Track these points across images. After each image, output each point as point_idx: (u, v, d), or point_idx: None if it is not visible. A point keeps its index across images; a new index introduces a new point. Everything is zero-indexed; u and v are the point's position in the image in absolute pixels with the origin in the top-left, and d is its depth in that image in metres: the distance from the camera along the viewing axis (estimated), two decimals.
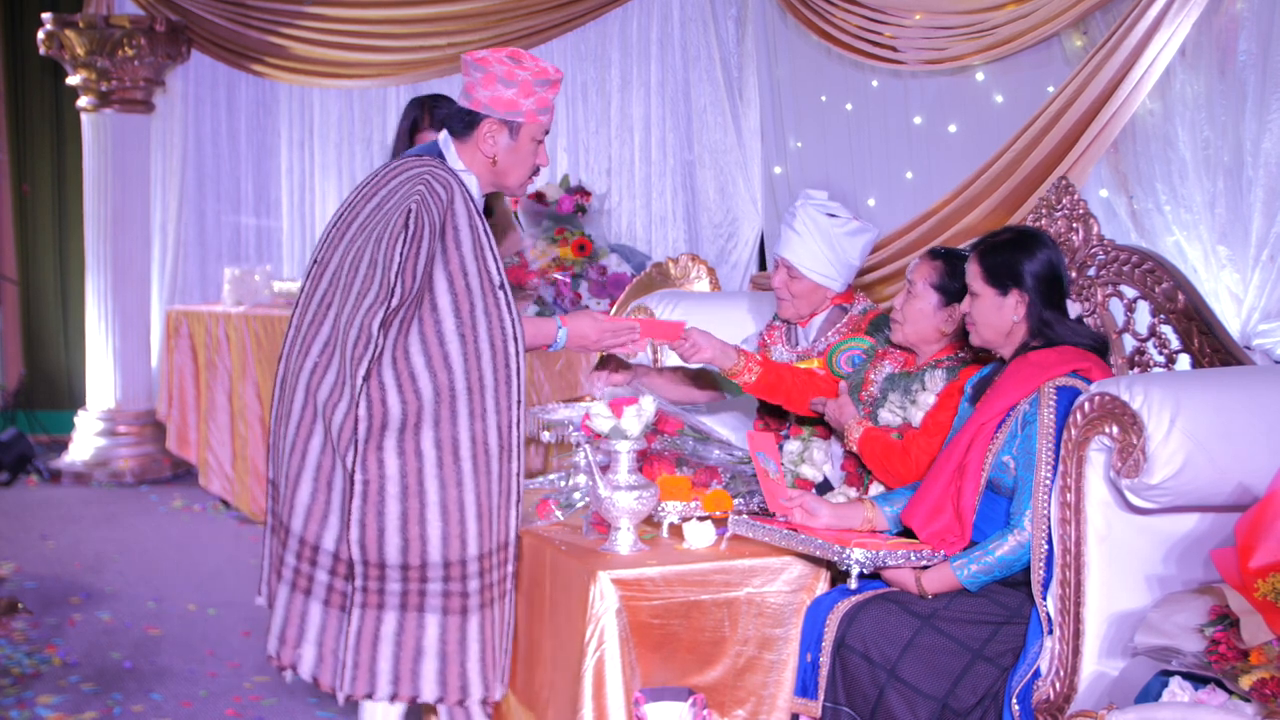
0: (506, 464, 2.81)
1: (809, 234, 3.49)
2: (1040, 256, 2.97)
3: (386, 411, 2.71)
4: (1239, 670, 2.33)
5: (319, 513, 2.78)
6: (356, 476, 2.71)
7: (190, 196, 7.84)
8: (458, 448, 2.75)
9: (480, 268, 2.81)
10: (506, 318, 2.82)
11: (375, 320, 2.71)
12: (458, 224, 2.82)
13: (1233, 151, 4.07)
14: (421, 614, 2.76)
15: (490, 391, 2.78)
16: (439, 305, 2.76)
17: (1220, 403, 2.68)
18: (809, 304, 3.58)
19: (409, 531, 2.73)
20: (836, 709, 2.90)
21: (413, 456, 2.73)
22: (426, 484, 2.74)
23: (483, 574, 2.79)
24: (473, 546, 2.78)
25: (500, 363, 2.79)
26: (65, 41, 7.29)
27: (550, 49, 7.16)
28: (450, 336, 2.75)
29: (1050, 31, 4.58)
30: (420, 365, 2.72)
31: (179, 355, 7.04)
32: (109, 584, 5.47)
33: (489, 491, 2.79)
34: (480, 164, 2.97)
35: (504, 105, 2.93)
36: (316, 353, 2.82)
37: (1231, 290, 4.09)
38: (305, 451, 2.80)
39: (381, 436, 2.71)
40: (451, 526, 2.75)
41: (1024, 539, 2.82)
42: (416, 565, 2.74)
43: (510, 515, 2.84)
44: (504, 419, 2.80)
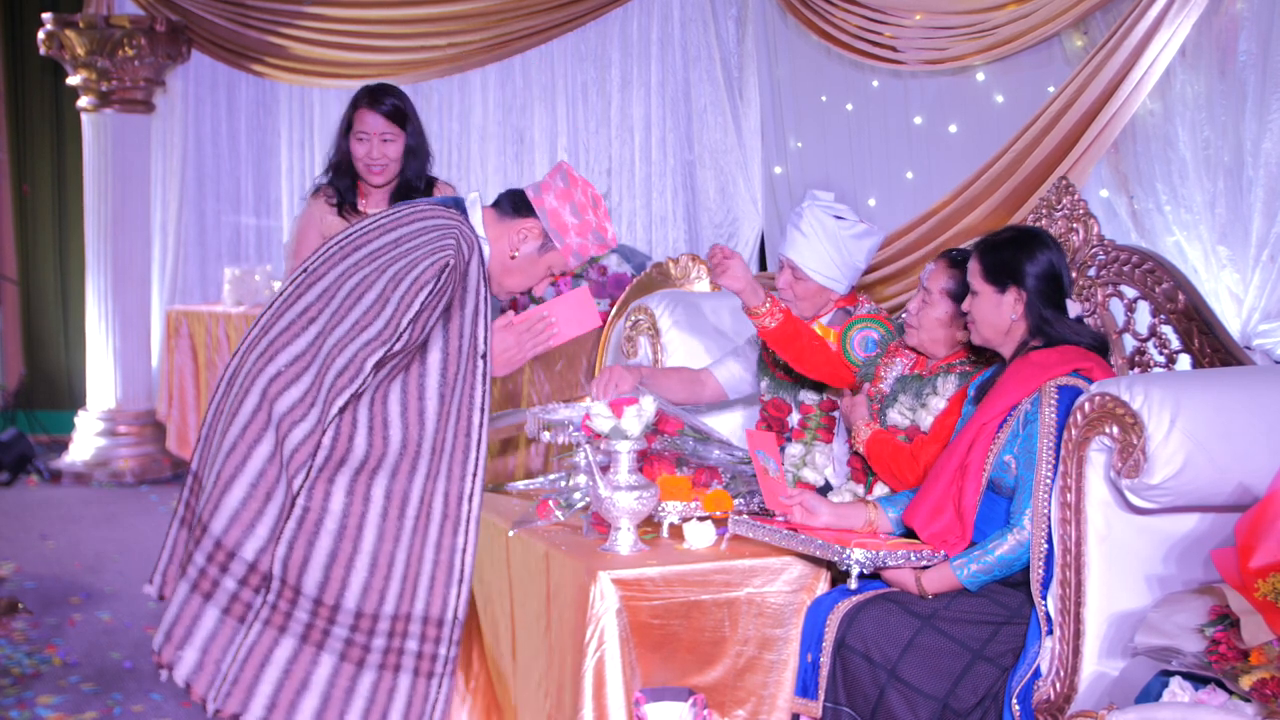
0: (450, 535, 2.72)
1: (815, 235, 3.49)
2: (1041, 256, 2.96)
3: (350, 449, 2.65)
4: (1239, 670, 2.33)
5: (246, 520, 2.68)
6: (299, 501, 2.64)
7: (190, 196, 7.84)
8: (406, 503, 2.68)
9: (473, 332, 2.79)
10: (479, 388, 2.78)
11: (372, 358, 2.65)
12: (467, 286, 2.81)
13: (1233, 151, 4.07)
14: (319, 651, 2.67)
15: (447, 457, 2.73)
16: (428, 361, 2.73)
17: (1220, 403, 2.68)
18: (813, 305, 3.58)
19: (333, 571, 2.65)
20: (837, 709, 2.90)
21: (360, 500, 2.66)
22: (365, 530, 2.67)
23: (392, 635, 2.68)
24: (389, 605, 2.67)
25: (462, 430, 2.75)
26: (65, 41, 7.29)
27: (550, 49, 7.16)
28: (431, 394, 2.72)
29: (1051, 31, 4.58)
30: (395, 414, 2.69)
31: (179, 355, 7.04)
32: (109, 584, 5.47)
33: (420, 557, 2.70)
34: (500, 248, 2.95)
35: (558, 223, 2.95)
36: (284, 362, 2.72)
37: (1232, 290, 4.09)
38: (248, 457, 2.69)
39: (336, 471, 2.65)
40: (375, 579, 2.67)
41: (1023, 538, 2.82)
42: (329, 605, 2.66)
43: (449, 593, 2.72)
44: (454, 488, 2.73)
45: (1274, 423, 2.66)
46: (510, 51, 7.16)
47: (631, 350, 4.17)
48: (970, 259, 3.04)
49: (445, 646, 2.73)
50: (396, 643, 2.68)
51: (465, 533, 2.73)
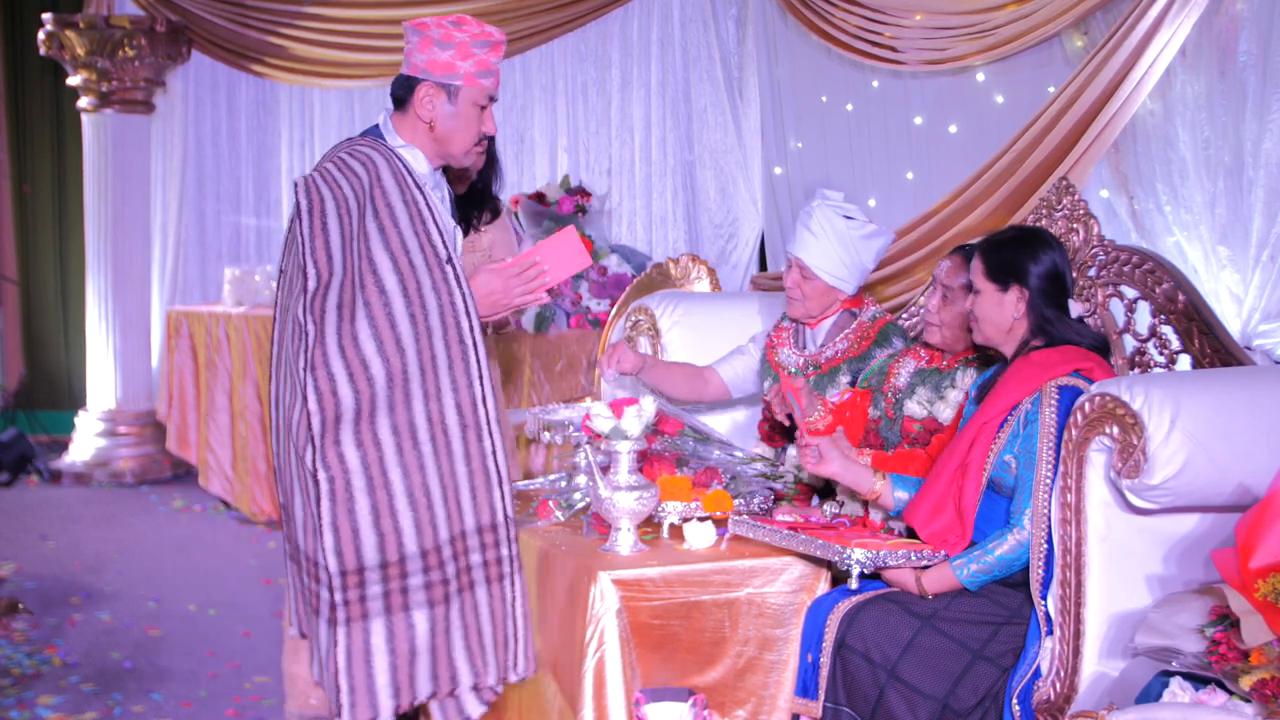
0: (476, 442, 2.69)
1: (825, 235, 3.49)
2: (1044, 256, 2.97)
3: (339, 402, 2.58)
4: (1239, 671, 2.33)
5: (311, 527, 2.65)
6: (320, 476, 2.58)
7: (190, 196, 7.85)
8: (415, 431, 2.64)
9: (423, 243, 2.70)
10: (457, 292, 2.70)
11: (299, 307, 2.61)
12: (390, 200, 2.71)
13: (1233, 152, 4.07)
14: (408, 613, 2.64)
15: (445, 370, 2.67)
16: (386, 287, 2.64)
17: (1220, 403, 2.68)
18: (820, 304, 3.58)
19: (382, 525, 2.61)
20: (837, 709, 2.90)
21: (371, 446, 2.61)
22: (390, 473, 2.62)
23: (456, 558, 2.68)
24: (443, 531, 2.66)
25: (454, 338, 2.68)
26: (65, 42, 7.29)
27: (550, 49, 7.17)
28: (400, 318, 2.64)
29: (1051, 32, 4.58)
30: (372, 351, 2.61)
31: (179, 355, 7.04)
32: (109, 584, 5.47)
33: (453, 472, 2.67)
34: (421, 134, 2.85)
35: (440, 68, 2.80)
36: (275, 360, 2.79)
37: (1232, 290, 4.09)
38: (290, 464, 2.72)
39: (337, 430, 2.59)
40: (421, 513, 2.64)
41: (1023, 538, 2.82)
42: (395, 560, 2.62)
43: (493, 495, 2.72)
44: (463, 396, 2.68)
45: (1274, 423, 2.66)
46: (510, 51, 7.14)
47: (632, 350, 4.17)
48: (973, 258, 3.05)
49: (505, 546, 2.73)
50: (462, 562, 2.68)
51: (489, 436, 2.70)
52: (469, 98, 2.84)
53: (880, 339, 3.54)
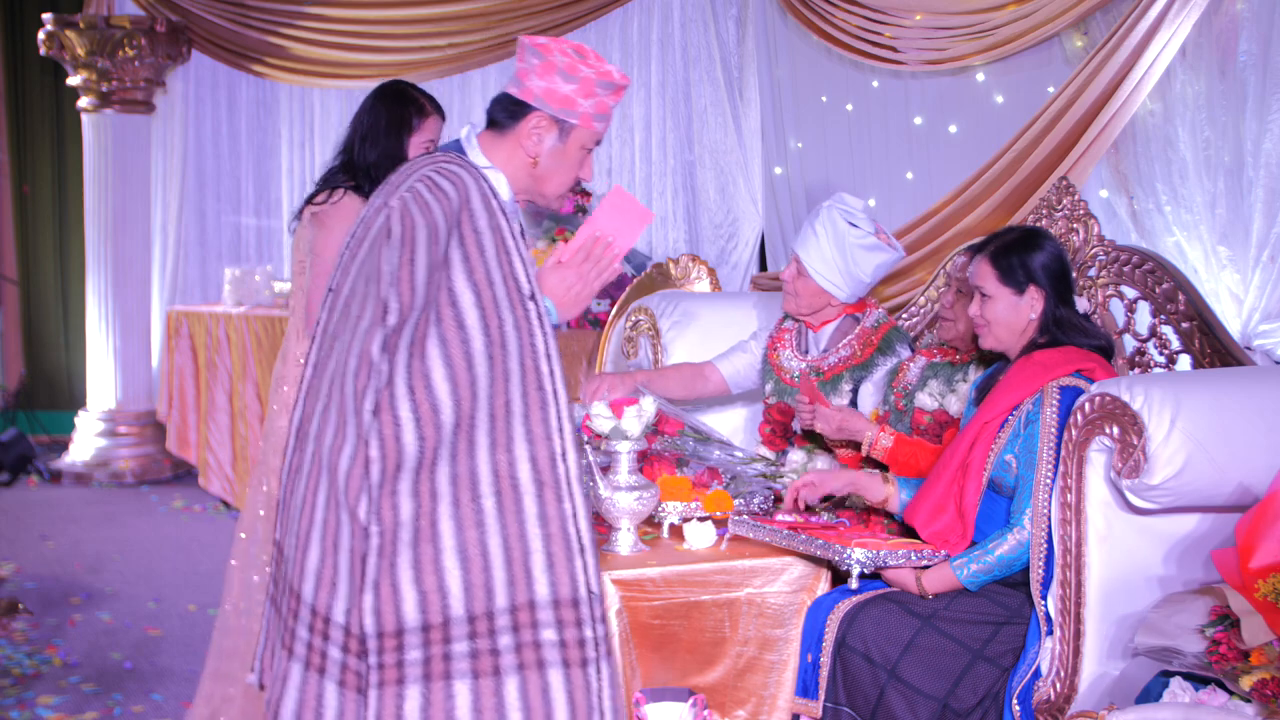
0: (554, 503, 2.38)
1: (824, 236, 3.48)
2: (1049, 250, 2.97)
3: (401, 451, 2.33)
4: (1239, 671, 2.33)
5: (328, 579, 2.40)
6: (371, 530, 2.33)
7: (191, 196, 7.85)
8: (476, 483, 2.36)
9: (506, 275, 2.43)
10: (539, 334, 2.42)
11: (374, 344, 2.35)
12: (477, 225, 2.45)
13: (1233, 152, 4.07)
14: (448, 681, 2.35)
15: (519, 419, 2.38)
16: (466, 322, 2.37)
17: (1220, 403, 2.68)
18: (810, 305, 3.57)
19: (424, 582, 2.34)
20: (837, 709, 2.90)
21: (427, 497, 2.35)
22: (440, 525, 2.35)
23: (517, 629, 2.36)
24: (501, 598, 2.35)
25: (532, 384, 2.40)
26: (66, 42, 7.29)
27: None
28: (479, 358, 2.36)
29: (1051, 32, 4.58)
30: (445, 394, 2.34)
31: (179, 355, 7.04)
32: (109, 584, 5.47)
33: (522, 534, 2.37)
34: (518, 163, 2.59)
35: (559, 101, 2.55)
36: (325, 393, 2.46)
37: (1232, 291, 4.09)
38: (314, 508, 2.44)
39: (396, 480, 2.34)
40: (473, 574, 2.34)
41: (1023, 538, 2.82)
42: (438, 623, 2.34)
43: (573, 566, 2.39)
44: (540, 450, 2.39)
45: (1274, 423, 2.66)
46: (510, 51, 7.15)
47: (632, 350, 4.17)
48: (977, 264, 3.02)
49: (590, 627, 2.40)
50: (528, 636, 2.37)
51: (570, 497, 2.40)
52: (580, 139, 2.60)
53: (884, 346, 3.53)
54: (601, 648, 2.41)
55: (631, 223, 2.63)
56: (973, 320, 3.04)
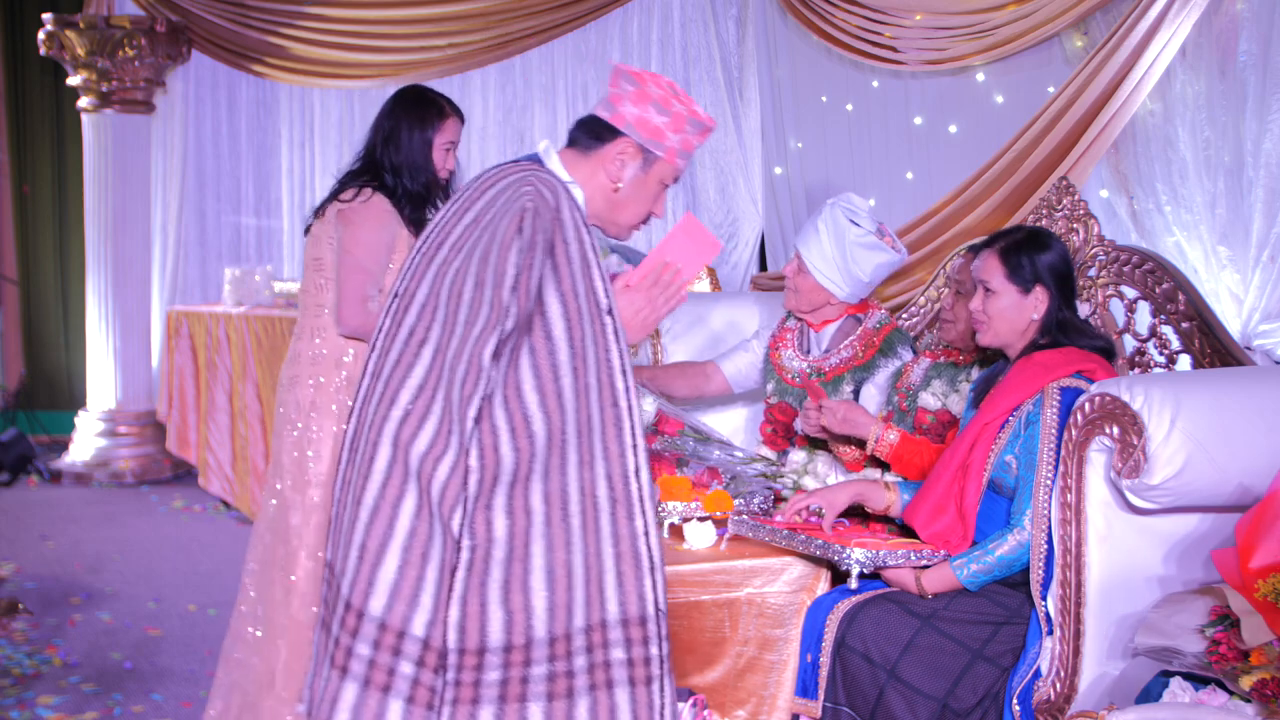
0: (626, 521, 2.36)
1: (825, 232, 3.49)
2: (1056, 250, 2.98)
3: (499, 461, 2.29)
4: (1239, 671, 2.33)
5: (408, 592, 2.30)
6: (464, 543, 2.28)
7: (191, 196, 7.85)
8: (566, 502, 2.33)
9: (588, 288, 2.39)
10: (614, 349, 2.39)
11: (487, 349, 2.29)
12: (566, 236, 2.40)
13: (1233, 152, 4.07)
14: (524, 704, 2.30)
15: (598, 434, 2.36)
16: (553, 333, 2.33)
17: (1220, 403, 2.68)
18: (809, 301, 3.56)
19: (512, 602, 2.29)
20: (837, 709, 2.90)
21: (521, 514, 2.30)
22: (532, 545, 2.30)
23: (590, 649, 2.34)
24: (579, 618, 2.32)
25: (608, 399, 2.37)
26: (66, 42, 7.30)
27: (551, 49, 7.17)
28: (564, 370, 2.33)
29: (1051, 32, 4.58)
30: (534, 405, 2.30)
31: (179, 355, 7.04)
32: (109, 584, 5.47)
33: (598, 553, 2.34)
34: (596, 186, 2.56)
35: (649, 131, 2.53)
36: (408, 399, 2.36)
37: (1232, 291, 4.09)
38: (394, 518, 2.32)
39: (492, 493, 2.29)
40: (558, 595, 2.31)
41: (1024, 538, 2.82)
42: (520, 645, 2.30)
43: (642, 584, 2.37)
44: (615, 467, 2.36)
45: (1274, 423, 2.66)
46: (510, 52, 7.16)
47: (632, 350, 4.17)
48: (985, 258, 3.02)
49: (656, 645, 2.39)
50: (599, 656, 2.35)
51: (642, 514, 2.38)
52: (661, 173, 2.57)
53: (885, 348, 3.53)
54: (666, 665, 2.39)
55: (701, 251, 2.61)
56: (972, 314, 3.03)
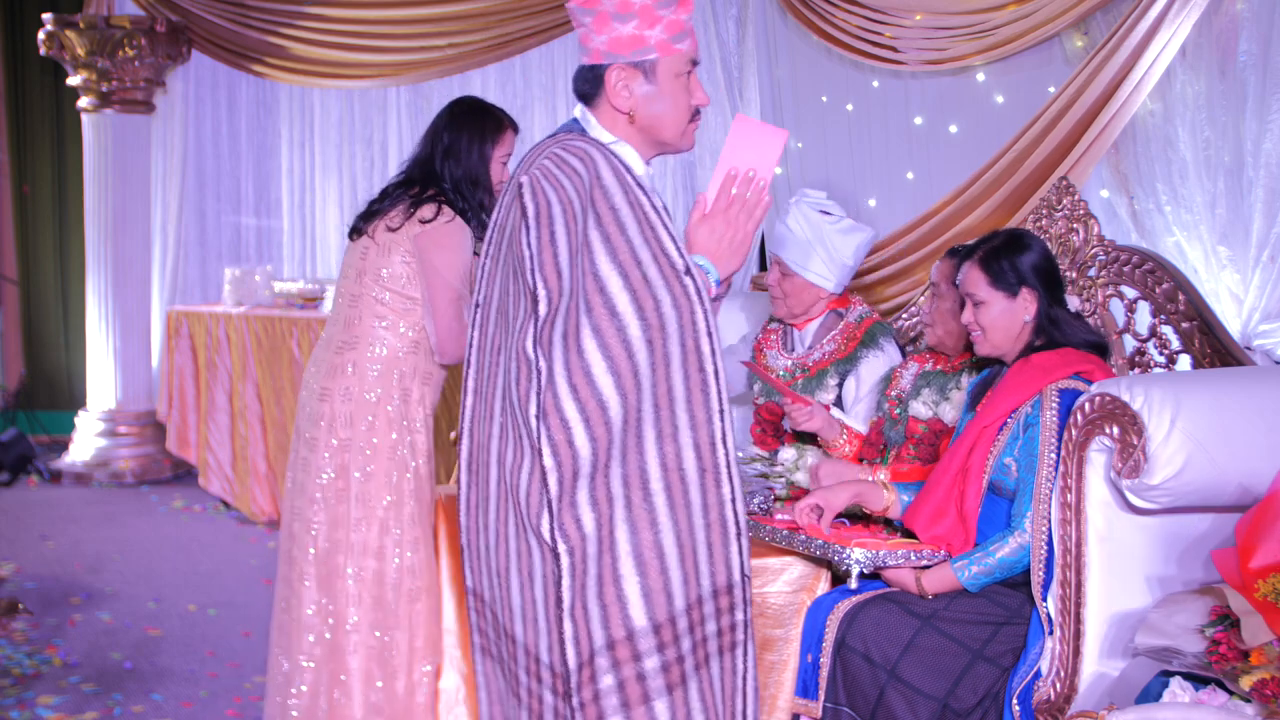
0: (714, 489, 2.24)
1: (801, 230, 3.51)
2: (1037, 250, 2.98)
3: (576, 455, 2.13)
4: (1239, 671, 2.33)
5: (530, 615, 2.22)
6: (560, 549, 2.13)
7: (190, 196, 7.85)
8: (646, 480, 2.18)
9: (657, 252, 2.22)
10: (699, 310, 2.22)
11: (527, 340, 2.14)
12: (613, 202, 2.24)
13: (1233, 152, 4.07)
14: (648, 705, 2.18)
15: (682, 404, 2.21)
16: (617, 308, 2.16)
17: (1221, 403, 2.68)
18: (801, 303, 3.57)
19: (605, 595, 2.16)
20: (837, 709, 2.90)
21: (604, 503, 2.16)
22: (616, 532, 2.16)
23: (692, 629, 2.23)
24: (678, 599, 2.20)
25: (693, 365, 2.21)
26: (66, 42, 7.29)
27: (551, 49, 7.16)
28: (637, 345, 2.16)
29: (1051, 32, 4.58)
30: (609, 388, 2.14)
31: (179, 355, 7.04)
32: (109, 584, 5.47)
33: (690, 528, 2.21)
34: (623, 126, 2.39)
35: (627, 45, 2.36)
36: (499, 410, 2.27)
37: (1232, 291, 4.09)
38: (507, 539, 2.25)
39: (574, 489, 2.14)
40: (651, 579, 2.18)
41: (1025, 540, 2.82)
42: (622, 638, 2.16)
43: (729, 551, 2.27)
44: (702, 435, 2.22)
45: (1274, 423, 2.66)
46: (510, 51, 7.16)
47: None
48: (967, 271, 3.02)
49: (741, 610, 2.30)
50: (699, 634, 2.25)
51: (729, 480, 2.26)
52: (669, 69, 2.40)
53: (867, 339, 3.55)
54: (749, 630, 2.31)
55: (765, 147, 2.40)
56: (968, 328, 3.04)
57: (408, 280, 3.40)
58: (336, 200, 7.83)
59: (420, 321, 3.41)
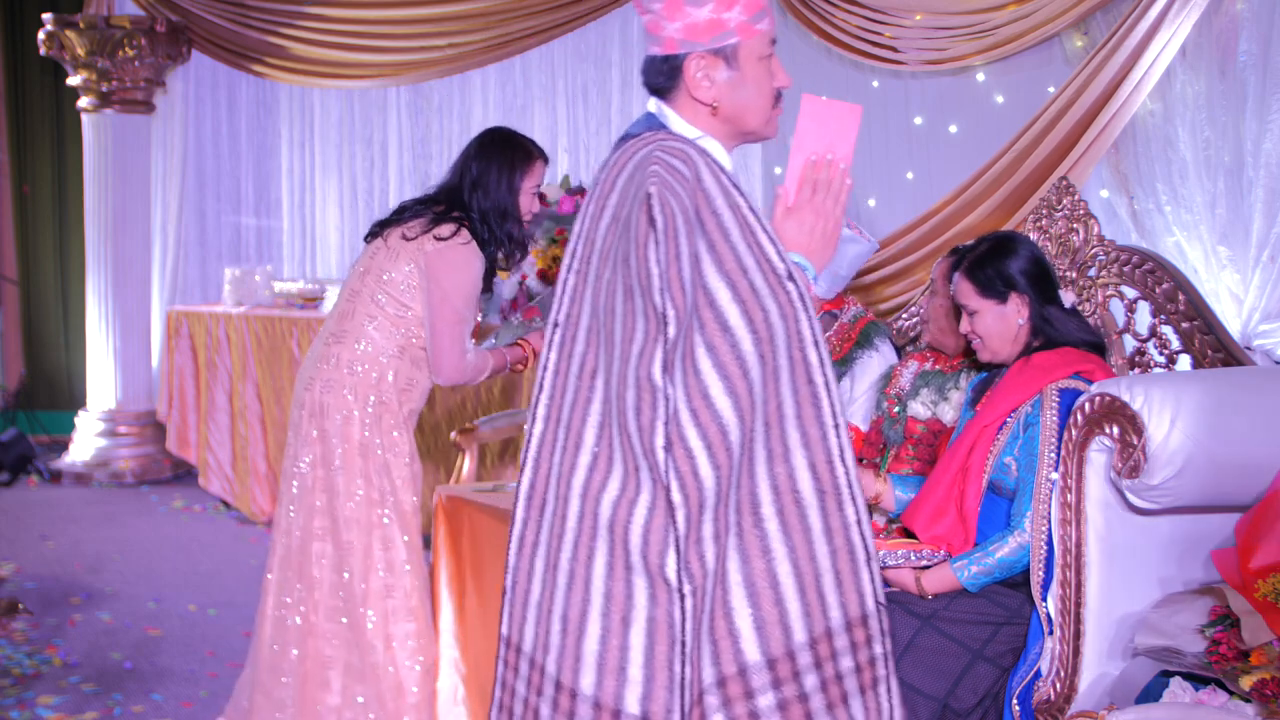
0: (836, 512, 2.07)
1: None
2: (1024, 255, 2.98)
3: (700, 485, 1.96)
4: (1239, 671, 2.33)
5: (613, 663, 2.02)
6: (685, 590, 1.97)
7: (190, 196, 7.85)
8: (757, 505, 2.02)
9: (759, 258, 2.05)
10: (803, 320, 2.06)
11: (655, 366, 1.96)
12: (715, 206, 2.07)
13: (1233, 152, 4.07)
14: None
15: (792, 421, 2.05)
16: (729, 323, 1.99)
17: (1220, 403, 2.67)
18: None
19: (716, 630, 2.01)
20: None
21: (723, 535, 2.01)
22: (727, 563, 2.01)
23: (819, 665, 2.05)
24: (799, 633, 2.03)
25: (801, 378, 2.05)
26: (66, 42, 7.29)
27: (551, 49, 7.16)
28: (751, 362, 1.99)
29: (1051, 32, 4.58)
30: (729, 411, 1.97)
31: (179, 355, 7.04)
32: (109, 584, 5.47)
33: (811, 555, 2.05)
34: (704, 119, 2.22)
35: (706, 31, 2.20)
36: (592, 441, 2.09)
37: (1232, 291, 4.09)
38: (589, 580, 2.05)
39: (700, 524, 1.98)
40: (765, 609, 2.02)
41: (1025, 540, 2.82)
42: (733, 673, 2.01)
43: (860, 579, 2.09)
44: (817, 453, 2.06)
45: (1274, 423, 2.66)
46: (510, 52, 7.16)
47: None
48: (957, 281, 3.04)
49: (879, 642, 2.13)
50: (830, 670, 2.08)
51: (852, 501, 2.09)
52: (751, 53, 2.20)
53: (862, 339, 3.54)
54: (890, 663, 2.14)
55: (840, 126, 2.24)
56: (968, 338, 3.05)
57: (407, 289, 3.45)
58: (336, 200, 7.83)
59: (411, 330, 3.47)
